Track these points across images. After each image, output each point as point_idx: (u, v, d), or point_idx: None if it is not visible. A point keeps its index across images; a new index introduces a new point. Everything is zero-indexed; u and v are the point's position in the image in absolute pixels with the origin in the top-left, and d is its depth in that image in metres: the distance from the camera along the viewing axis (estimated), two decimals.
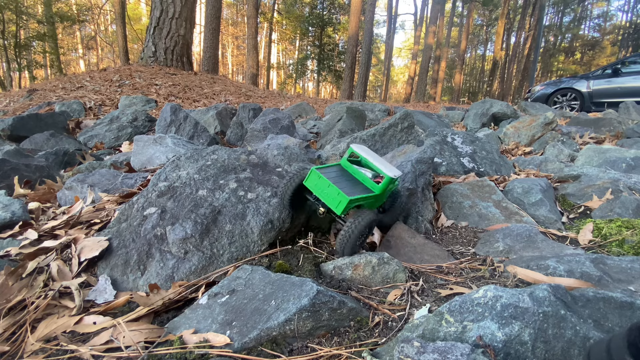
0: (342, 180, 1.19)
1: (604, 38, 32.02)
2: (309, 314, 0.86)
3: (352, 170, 1.27)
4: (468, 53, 37.93)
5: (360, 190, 1.17)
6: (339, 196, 1.09)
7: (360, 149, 1.27)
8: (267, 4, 25.06)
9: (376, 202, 1.25)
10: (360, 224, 1.10)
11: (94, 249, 1.15)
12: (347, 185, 1.17)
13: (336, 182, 1.15)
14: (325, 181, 1.13)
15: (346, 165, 1.29)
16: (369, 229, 1.17)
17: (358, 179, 1.24)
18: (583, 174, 2.14)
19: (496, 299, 0.76)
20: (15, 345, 0.83)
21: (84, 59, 30.18)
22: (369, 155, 1.25)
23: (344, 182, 1.18)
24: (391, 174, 1.16)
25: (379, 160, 1.25)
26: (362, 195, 1.13)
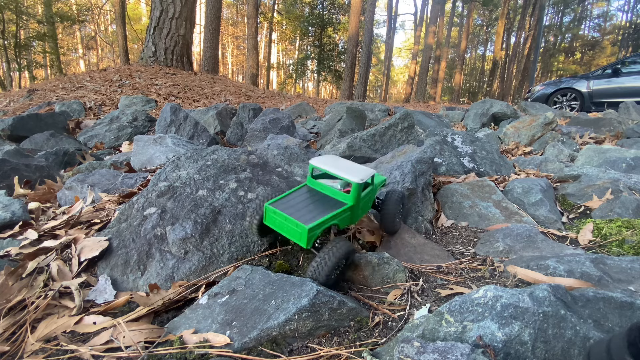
0: (306, 204, 1.08)
1: (604, 38, 32.02)
2: (309, 314, 0.86)
3: (320, 187, 1.16)
4: (468, 53, 37.94)
5: (327, 209, 1.05)
6: (297, 227, 0.97)
7: (318, 162, 1.15)
8: (267, 4, 25.06)
9: (355, 213, 1.13)
10: (334, 256, 0.98)
11: (94, 249, 1.15)
12: (311, 209, 1.05)
13: (298, 209, 1.04)
14: (281, 215, 1.02)
15: (313, 184, 1.18)
16: (345, 259, 1.05)
17: (328, 195, 1.13)
18: (583, 174, 2.14)
19: (496, 299, 0.76)
20: (16, 345, 0.83)
21: (84, 59, 30.17)
22: (328, 165, 1.13)
23: (309, 206, 1.06)
24: (356, 178, 1.05)
25: (344, 166, 1.14)
26: (329, 215, 1.01)
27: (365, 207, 1.22)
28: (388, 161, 1.90)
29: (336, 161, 1.18)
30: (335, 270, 1.00)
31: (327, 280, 0.99)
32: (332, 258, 0.98)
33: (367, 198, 1.20)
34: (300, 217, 1.00)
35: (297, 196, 1.12)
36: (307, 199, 1.11)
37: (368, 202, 1.24)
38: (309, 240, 0.97)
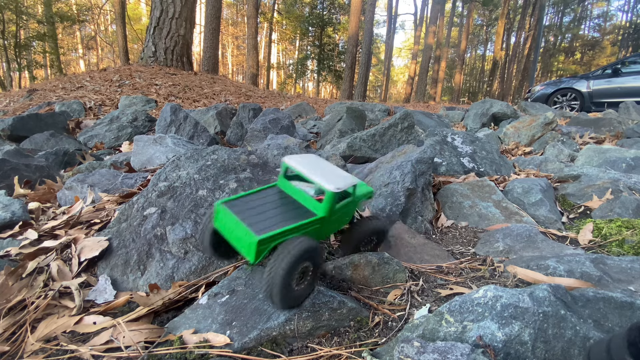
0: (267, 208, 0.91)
1: (604, 38, 32.03)
2: (309, 314, 0.86)
3: (291, 190, 0.99)
4: (468, 53, 37.94)
5: (291, 218, 0.88)
6: (246, 237, 0.80)
7: (293, 160, 0.98)
8: (267, 4, 25.07)
9: (325, 228, 0.95)
10: (284, 263, 0.77)
11: (94, 249, 1.15)
12: (271, 215, 0.88)
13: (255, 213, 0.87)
14: (231, 218, 0.84)
15: (284, 185, 1.01)
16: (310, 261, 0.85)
17: (298, 201, 0.96)
18: (583, 174, 2.14)
19: (496, 299, 0.76)
20: (15, 345, 0.83)
21: (84, 59, 30.18)
22: (304, 165, 0.96)
23: (270, 212, 0.90)
24: (332, 186, 0.86)
25: (322, 169, 0.96)
26: (291, 226, 0.84)
27: (340, 221, 1.03)
28: (388, 161, 1.90)
29: (315, 162, 1.00)
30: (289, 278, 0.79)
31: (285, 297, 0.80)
32: (284, 265, 0.77)
33: (344, 211, 1.00)
34: (254, 224, 0.83)
35: (261, 197, 0.96)
36: (272, 202, 0.95)
37: (344, 217, 1.04)
38: (258, 255, 0.79)
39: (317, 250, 0.85)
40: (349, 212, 1.05)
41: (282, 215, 0.89)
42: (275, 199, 0.96)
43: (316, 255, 0.86)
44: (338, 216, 0.98)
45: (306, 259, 0.83)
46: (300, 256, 0.79)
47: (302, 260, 0.81)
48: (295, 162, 0.97)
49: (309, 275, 0.87)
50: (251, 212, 0.88)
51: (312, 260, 0.85)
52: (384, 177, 1.69)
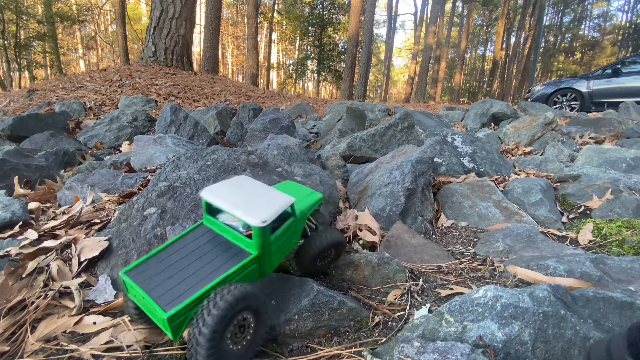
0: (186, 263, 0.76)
1: (604, 38, 32.03)
2: (309, 313, 0.86)
3: (218, 228, 0.85)
4: (468, 53, 37.95)
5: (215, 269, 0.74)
6: (158, 313, 0.67)
7: (210, 193, 0.83)
8: (267, 4, 25.07)
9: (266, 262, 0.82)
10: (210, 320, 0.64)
11: (94, 249, 1.15)
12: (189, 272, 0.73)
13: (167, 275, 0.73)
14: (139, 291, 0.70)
15: (210, 223, 0.87)
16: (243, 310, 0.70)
17: (228, 240, 0.82)
18: (583, 174, 2.14)
19: (496, 299, 0.76)
20: (15, 345, 0.83)
21: (84, 59, 30.19)
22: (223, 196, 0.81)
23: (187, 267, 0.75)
24: (256, 219, 0.74)
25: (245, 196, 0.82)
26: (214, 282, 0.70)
27: (286, 246, 0.90)
28: (388, 161, 1.90)
29: (238, 188, 0.85)
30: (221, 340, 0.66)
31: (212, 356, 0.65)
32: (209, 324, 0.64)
33: (287, 235, 0.88)
34: (163, 293, 0.68)
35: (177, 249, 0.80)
36: (191, 253, 0.79)
37: (290, 239, 0.91)
38: (175, 331, 0.67)
39: (257, 296, 0.72)
40: (295, 232, 0.93)
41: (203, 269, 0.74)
42: (199, 245, 0.81)
43: (257, 302, 0.72)
44: (281, 243, 0.86)
45: (242, 310, 0.70)
46: (231, 308, 0.66)
47: (235, 312, 0.68)
48: (213, 195, 0.82)
49: (251, 328, 0.74)
50: (159, 278, 0.72)
51: (251, 309, 0.72)
52: (384, 177, 1.69)
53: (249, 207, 0.78)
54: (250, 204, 0.79)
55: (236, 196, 0.82)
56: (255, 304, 0.72)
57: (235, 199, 0.80)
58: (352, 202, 1.77)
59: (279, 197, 0.84)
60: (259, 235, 0.77)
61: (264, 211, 0.77)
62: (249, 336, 0.74)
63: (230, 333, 0.69)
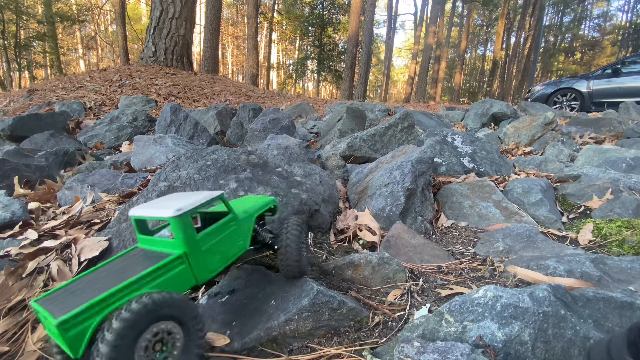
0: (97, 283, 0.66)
1: (604, 38, 32.04)
2: (309, 313, 0.86)
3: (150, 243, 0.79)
4: (468, 53, 37.96)
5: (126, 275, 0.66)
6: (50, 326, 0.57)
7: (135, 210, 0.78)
8: (267, 4, 25.07)
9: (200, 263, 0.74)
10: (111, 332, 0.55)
11: (94, 249, 1.15)
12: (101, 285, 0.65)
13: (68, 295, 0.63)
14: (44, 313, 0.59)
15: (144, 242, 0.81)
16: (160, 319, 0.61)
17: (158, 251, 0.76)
18: (583, 174, 2.14)
19: (496, 299, 0.76)
20: (16, 346, 0.83)
21: (84, 59, 30.19)
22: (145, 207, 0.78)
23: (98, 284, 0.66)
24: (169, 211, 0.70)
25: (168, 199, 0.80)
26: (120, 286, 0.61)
27: (226, 248, 0.82)
28: (388, 161, 1.90)
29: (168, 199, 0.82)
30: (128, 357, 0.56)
31: None
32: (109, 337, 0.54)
33: (226, 235, 0.82)
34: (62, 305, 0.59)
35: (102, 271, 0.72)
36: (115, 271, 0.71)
37: (233, 240, 0.84)
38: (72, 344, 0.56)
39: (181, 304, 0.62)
40: (239, 232, 0.85)
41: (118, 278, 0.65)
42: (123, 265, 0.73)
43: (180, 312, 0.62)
44: (218, 242, 0.79)
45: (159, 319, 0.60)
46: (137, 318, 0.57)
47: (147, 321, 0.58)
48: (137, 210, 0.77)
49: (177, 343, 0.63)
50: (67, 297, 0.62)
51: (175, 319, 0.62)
52: (384, 177, 1.69)
53: (168, 205, 0.73)
54: (171, 203, 0.75)
55: (159, 203, 0.78)
56: (179, 313, 0.62)
57: (156, 206, 0.76)
58: (352, 202, 1.77)
59: (203, 193, 0.80)
60: (178, 227, 0.70)
61: (180, 203, 0.72)
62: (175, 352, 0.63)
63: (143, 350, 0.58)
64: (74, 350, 0.56)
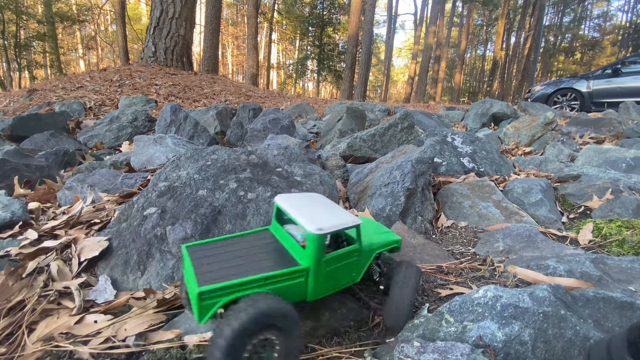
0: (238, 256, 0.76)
1: (604, 38, 32.04)
2: (309, 314, 0.86)
3: (280, 235, 0.85)
4: (468, 53, 37.96)
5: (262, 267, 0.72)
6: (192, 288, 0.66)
7: (283, 198, 0.84)
8: (267, 4, 25.07)
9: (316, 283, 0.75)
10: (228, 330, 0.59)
11: (94, 249, 1.15)
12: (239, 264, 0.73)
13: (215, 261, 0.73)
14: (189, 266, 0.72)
15: (275, 229, 0.87)
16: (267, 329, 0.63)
17: (284, 247, 0.81)
18: (583, 174, 2.14)
19: (496, 299, 0.76)
20: (14, 345, 0.83)
21: (84, 59, 30.20)
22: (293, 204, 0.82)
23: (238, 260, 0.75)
24: (312, 225, 0.71)
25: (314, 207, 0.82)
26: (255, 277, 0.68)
27: (341, 275, 0.82)
28: (388, 161, 1.90)
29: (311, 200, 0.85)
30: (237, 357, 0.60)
31: None
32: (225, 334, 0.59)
33: (346, 263, 0.81)
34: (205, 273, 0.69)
35: (239, 242, 0.81)
36: (249, 248, 0.79)
37: (349, 270, 0.83)
38: (201, 312, 0.64)
39: (288, 316, 0.64)
40: (357, 265, 0.84)
41: (250, 265, 0.72)
42: (255, 245, 0.80)
43: (286, 323, 0.64)
44: (337, 268, 0.79)
45: (266, 328, 0.62)
46: (252, 322, 0.60)
47: (256, 328, 0.61)
48: (284, 200, 0.82)
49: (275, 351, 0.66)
50: (212, 260, 0.73)
51: (278, 329, 0.64)
52: (384, 177, 1.69)
53: (312, 216, 0.76)
54: (315, 214, 0.77)
55: (306, 206, 0.82)
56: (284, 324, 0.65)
57: (303, 208, 0.80)
58: (352, 202, 1.77)
59: (347, 216, 0.80)
60: (312, 244, 0.72)
61: (325, 220, 0.75)
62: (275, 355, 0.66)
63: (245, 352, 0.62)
64: (200, 317, 0.64)
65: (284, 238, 0.83)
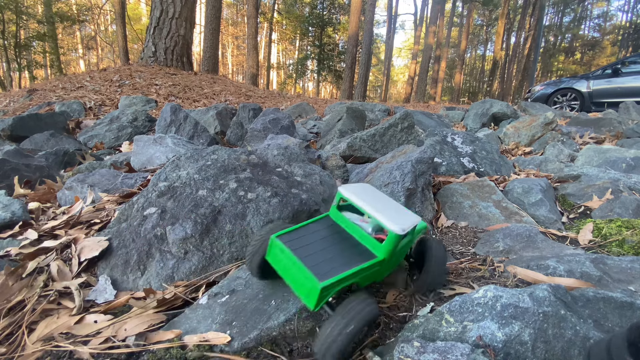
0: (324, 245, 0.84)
1: (604, 38, 32.05)
2: (309, 314, 0.86)
3: (346, 224, 0.91)
4: (468, 53, 37.96)
5: (351, 259, 0.81)
6: (307, 281, 0.74)
7: (349, 192, 0.90)
8: (267, 4, 25.08)
9: (383, 269, 0.88)
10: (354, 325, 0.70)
11: (94, 249, 1.15)
12: (330, 254, 0.82)
13: (312, 251, 0.81)
14: (289, 256, 0.78)
15: (337, 217, 0.94)
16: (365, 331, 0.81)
17: (355, 238, 0.88)
18: (583, 174, 2.14)
19: (496, 299, 0.76)
20: (14, 345, 0.83)
21: (84, 59, 30.20)
22: (360, 197, 0.88)
23: (328, 250, 0.83)
24: (397, 227, 0.79)
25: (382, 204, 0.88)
26: (352, 270, 0.77)
27: (396, 262, 0.96)
28: (388, 161, 1.90)
29: (373, 195, 0.92)
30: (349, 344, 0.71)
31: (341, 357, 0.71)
32: (352, 327, 0.70)
33: (401, 251, 0.93)
34: (315, 266, 0.77)
35: (315, 230, 0.89)
36: (328, 237, 0.87)
37: (400, 256, 0.97)
38: (319, 302, 0.74)
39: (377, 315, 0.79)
40: (404, 251, 0.98)
41: (341, 256, 0.82)
42: (331, 233, 0.89)
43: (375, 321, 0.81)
44: (396, 257, 0.91)
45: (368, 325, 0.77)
46: (368, 323, 0.73)
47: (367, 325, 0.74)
48: (352, 194, 0.89)
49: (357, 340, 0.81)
50: (309, 249, 0.82)
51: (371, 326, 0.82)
52: (384, 177, 1.69)
53: (388, 213, 0.83)
54: (388, 210, 0.85)
55: (373, 200, 0.88)
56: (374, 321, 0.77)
57: (373, 202, 0.86)
58: None
59: (410, 214, 0.89)
60: (393, 242, 0.81)
61: (404, 221, 0.82)
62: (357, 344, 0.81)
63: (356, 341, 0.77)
64: (316, 305, 0.74)
65: (351, 228, 0.91)
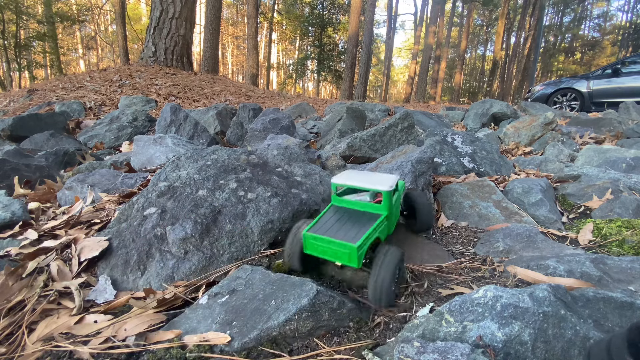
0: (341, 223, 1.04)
1: (604, 38, 32.05)
2: (309, 314, 0.86)
3: (348, 204, 1.14)
4: (468, 53, 37.96)
5: (365, 223, 1.02)
6: (345, 248, 0.93)
7: (339, 179, 1.14)
8: (267, 4, 25.07)
9: (390, 222, 1.13)
10: (389, 270, 0.91)
11: (94, 249, 1.15)
12: (349, 227, 1.02)
13: (336, 230, 1.00)
14: (323, 239, 0.97)
15: (339, 202, 1.15)
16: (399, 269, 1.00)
17: (360, 210, 1.11)
18: (583, 174, 2.14)
19: (496, 299, 0.76)
20: (14, 345, 0.83)
21: (84, 59, 30.20)
22: (350, 179, 1.13)
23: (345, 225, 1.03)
24: (385, 187, 1.04)
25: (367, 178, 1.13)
26: (371, 229, 0.98)
27: (397, 213, 1.21)
28: (388, 161, 1.90)
29: (357, 175, 1.17)
30: (393, 282, 0.92)
31: (391, 296, 0.91)
32: (389, 272, 0.91)
33: (397, 204, 1.20)
34: (344, 237, 0.95)
35: (330, 217, 1.08)
36: (342, 217, 1.07)
37: (398, 209, 1.23)
38: (359, 259, 0.93)
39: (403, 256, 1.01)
40: (398, 205, 1.23)
41: (357, 224, 1.02)
42: (342, 215, 1.09)
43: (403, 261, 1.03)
44: (394, 211, 1.15)
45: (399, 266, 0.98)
46: (400, 261, 0.96)
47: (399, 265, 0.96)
48: (343, 180, 1.13)
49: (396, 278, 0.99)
50: (333, 230, 1.00)
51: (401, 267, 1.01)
52: None
53: (374, 182, 1.07)
54: (373, 180, 1.09)
55: (358, 178, 1.13)
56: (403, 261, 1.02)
57: (359, 179, 1.11)
58: None
59: (390, 176, 1.14)
60: (387, 198, 1.05)
61: (387, 182, 1.07)
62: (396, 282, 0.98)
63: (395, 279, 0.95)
64: (358, 263, 0.92)
65: (354, 204, 1.12)
